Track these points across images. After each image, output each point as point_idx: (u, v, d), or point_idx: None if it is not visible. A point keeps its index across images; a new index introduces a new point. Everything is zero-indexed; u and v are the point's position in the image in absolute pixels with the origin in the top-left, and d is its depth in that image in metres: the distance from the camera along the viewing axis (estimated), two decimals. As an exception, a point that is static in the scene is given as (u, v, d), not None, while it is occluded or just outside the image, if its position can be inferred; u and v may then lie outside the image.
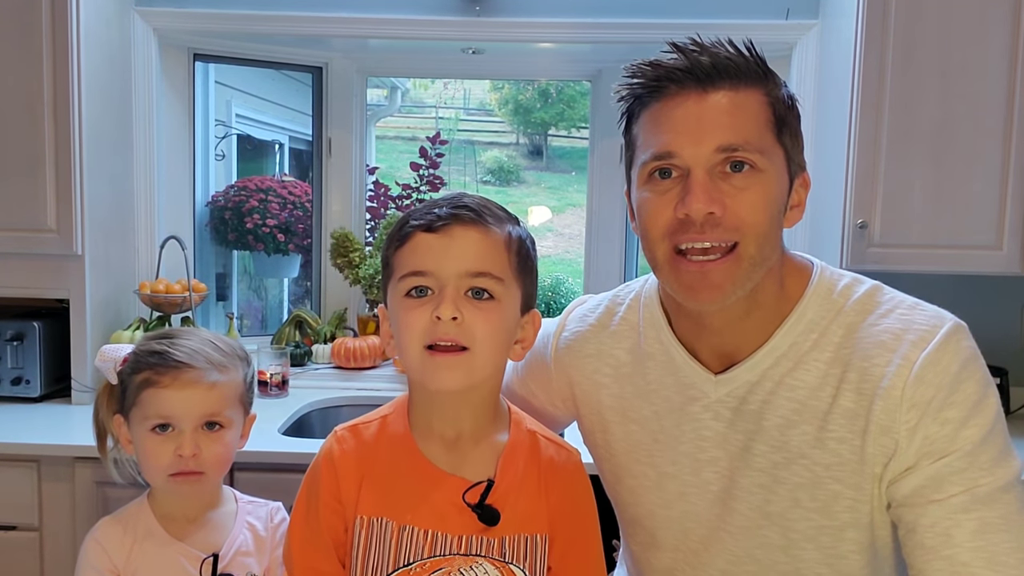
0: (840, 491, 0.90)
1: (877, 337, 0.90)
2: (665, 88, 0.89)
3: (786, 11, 2.26)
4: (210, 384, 1.12)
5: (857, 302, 0.93)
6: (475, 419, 0.96)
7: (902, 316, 0.91)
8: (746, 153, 0.86)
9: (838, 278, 0.97)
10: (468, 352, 0.89)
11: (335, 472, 0.96)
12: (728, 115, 0.87)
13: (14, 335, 2.10)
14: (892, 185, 1.93)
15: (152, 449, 1.12)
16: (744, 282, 0.89)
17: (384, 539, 0.92)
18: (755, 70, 0.89)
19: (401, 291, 0.91)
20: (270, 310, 3.78)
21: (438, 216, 0.89)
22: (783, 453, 0.92)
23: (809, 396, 0.91)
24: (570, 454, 1.01)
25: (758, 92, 0.89)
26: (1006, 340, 2.27)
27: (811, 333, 0.93)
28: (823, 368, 0.91)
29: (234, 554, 1.15)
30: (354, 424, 1.00)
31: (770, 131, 0.89)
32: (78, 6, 1.98)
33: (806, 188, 0.96)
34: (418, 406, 0.97)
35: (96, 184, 2.09)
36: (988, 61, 1.89)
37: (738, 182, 0.87)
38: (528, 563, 0.93)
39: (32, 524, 1.85)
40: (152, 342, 1.16)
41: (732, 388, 0.95)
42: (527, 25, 2.32)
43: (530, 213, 7.05)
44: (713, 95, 0.87)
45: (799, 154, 0.94)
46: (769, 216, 0.88)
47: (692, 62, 0.87)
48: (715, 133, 0.86)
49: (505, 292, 0.91)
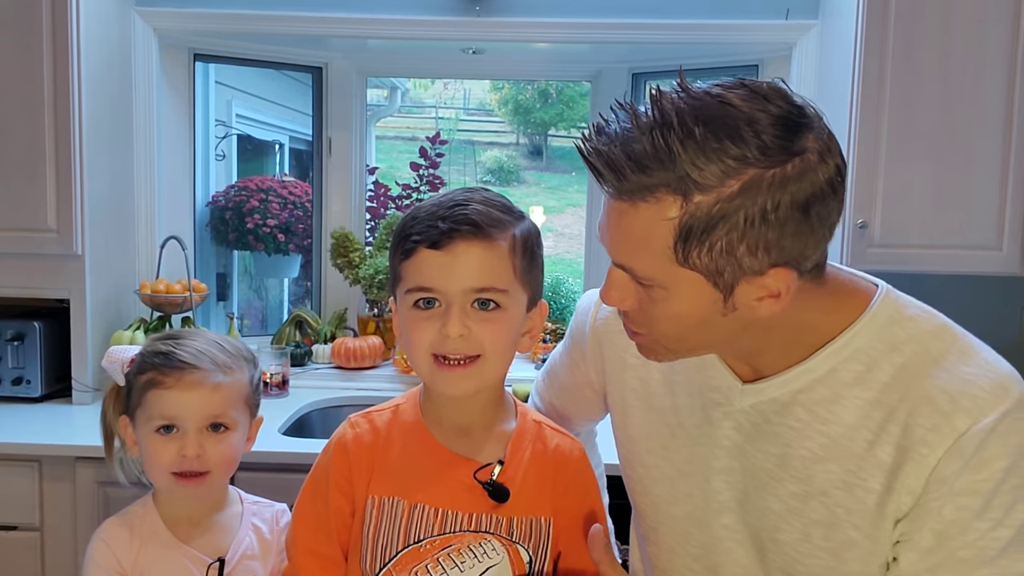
0: (857, 539, 0.84)
1: (930, 393, 0.80)
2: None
3: (786, 11, 2.26)
4: (214, 385, 1.12)
5: (919, 340, 0.83)
6: (484, 411, 0.99)
7: (966, 373, 0.80)
8: (641, 277, 0.80)
9: (904, 306, 0.86)
10: (479, 360, 0.92)
11: (347, 455, 0.98)
12: (620, 232, 0.79)
13: (14, 335, 2.10)
14: (892, 185, 1.94)
15: (156, 449, 1.12)
16: (676, 355, 0.88)
17: (395, 517, 0.95)
18: (663, 179, 0.74)
19: (408, 302, 0.93)
20: (270, 310, 3.79)
21: (441, 231, 0.90)
22: (804, 486, 0.86)
23: (843, 435, 0.84)
24: (574, 442, 1.04)
25: (660, 208, 0.75)
26: (1005, 340, 2.25)
27: (856, 363, 0.84)
28: (864, 408, 0.83)
29: (240, 558, 1.15)
30: (367, 412, 1.03)
31: (668, 257, 0.77)
32: (78, 6, 1.98)
33: (785, 281, 0.79)
34: (430, 400, 1.00)
35: (96, 184, 2.10)
36: (988, 61, 1.89)
37: (650, 293, 0.81)
38: (532, 543, 0.96)
39: (33, 524, 1.85)
40: (158, 343, 1.16)
41: (757, 401, 0.89)
42: (527, 25, 2.32)
43: (529, 213, 7.06)
44: (615, 204, 0.79)
45: (752, 256, 0.76)
46: (682, 327, 0.82)
47: (589, 162, 0.79)
48: (612, 247, 0.82)
49: (510, 300, 0.93)
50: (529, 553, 0.96)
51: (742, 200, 0.72)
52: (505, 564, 0.95)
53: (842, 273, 0.89)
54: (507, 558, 0.95)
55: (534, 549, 0.96)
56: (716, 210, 0.73)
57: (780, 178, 0.73)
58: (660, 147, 0.72)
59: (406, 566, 0.94)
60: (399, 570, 0.94)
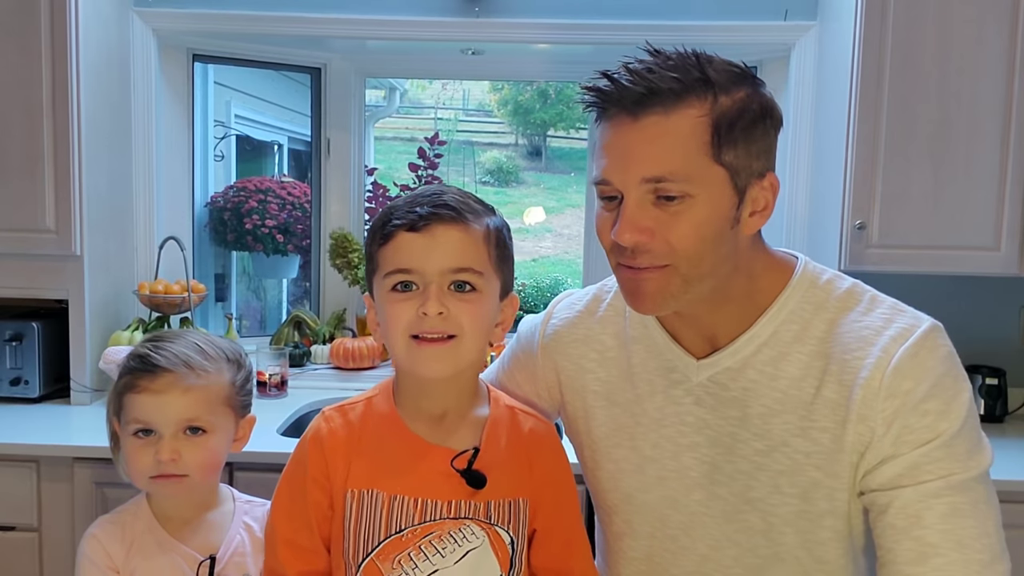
0: (819, 479, 0.93)
1: (858, 332, 0.93)
2: (604, 111, 0.91)
3: (784, 12, 2.27)
4: (185, 388, 1.11)
5: (839, 298, 0.96)
6: (459, 398, 1.02)
7: (883, 315, 0.94)
8: (672, 183, 0.86)
9: (820, 272, 0.99)
10: (455, 340, 0.94)
11: (322, 449, 1.01)
12: (655, 145, 0.87)
13: (13, 335, 2.10)
14: (890, 186, 1.94)
15: (134, 453, 1.12)
16: (679, 295, 0.91)
17: (375, 509, 0.97)
18: (693, 85, 0.87)
19: (387, 286, 0.96)
20: (269, 311, 3.78)
21: (419, 216, 0.94)
22: (765, 441, 0.95)
23: (792, 387, 0.94)
24: (548, 426, 1.08)
25: (694, 110, 0.87)
26: (1004, 341, 2.27)
27: (792, 323, 0.96)
28: (806, 360, 0.94)
29: (231, 555, 1.15)
30: (340, 405, 1.05)
31: (705, 153, 0.87)
32: (77, 7, 1.98)
33: (773, 190, 0.92)
34: (404, 388, 1.02)
35: (95, 185, 2.10)
36: (986, 62, 1.89)
37: (670, 209, 0.87)
38: (512, 525, 1.00)
39: (31, 524, 1.85)
40: (140, 345, 1.16)
41: (714, 373, 0.98)
42: (526, 26, 2.32)
43: (527, 214, 7.05)
44: (643, 121, 0.87)
45: (757, 159, 0.90)
46: (701, 239, 0.88)
47: (619, 89, 0.88)
48: (641, 164, 0.87)
49: (486, 283, 0.96)
50: (509, 533, 0.99)
51: (748, 103, 0.89)
52: (485, 546, 0.98)
53: (768, 247, 1.01)
54: (487, 540, 0.98)
55: (513, 529, 1.00)
56: (735, 109, 0.88)
57: (766, 95, 0.92)
58: (689, 61, 0.88)
59: (388, 555, 0.96)
60: (382, 560, 0.96)
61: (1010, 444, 1.98)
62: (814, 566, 0.97)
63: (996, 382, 2.14)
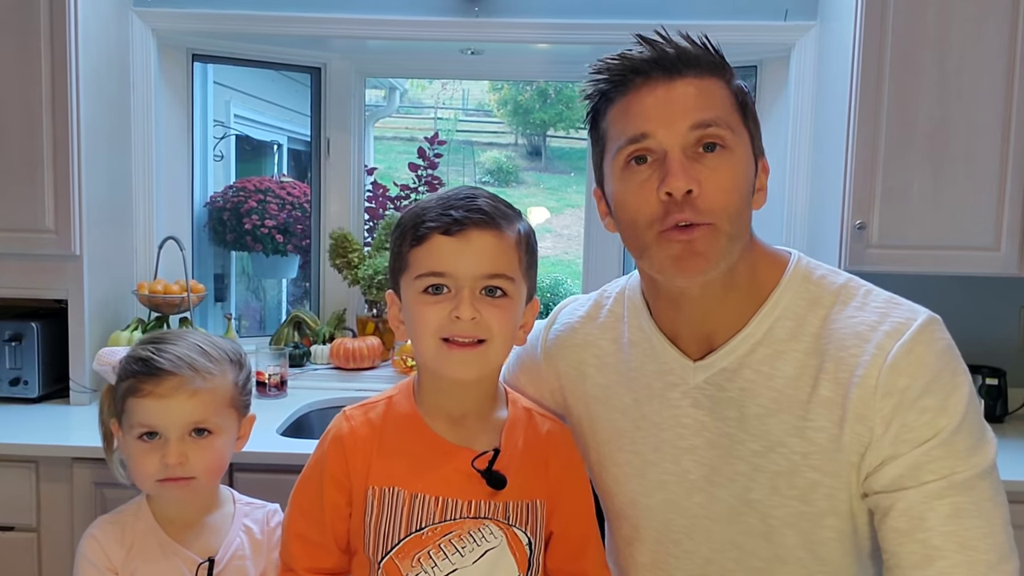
0: (818, 479, 0.92)
1: (853, 328, 0.92)
2: (631, 81, 0.92)
3: (784, 12, 2.27)
4: (192, 391, 1.10)
5: (833, 293, 0.96)
6: (480, 400, 1.03)
7: (878, 309, 0.93)
8: (719, 129, 0.89)
9: (814, 268, 0.99)
10: (485, 344, 0.95)
11: (343, 448, 1.01)
12: (701, 95, 0.90)
13: (12, 336, 2.09)
14: (890, 186, 1.94)
15: (139, 457, 1.11)
16: (725, 254, 0.90)
17: (396, 507, 0.98)
18: (715, 62, 0.93)
19: (418, 288, 0.96)
20: (269, 311, 3.78)
21: (455, 219, 0.94)
22: (763, 441, 0.94)
23: (787, 386, 0.93)
24: (563, 428, 1.10)
25: (720, 81, 0.93)
26: (1004, 341, 2.27)
27: (787, 320, 0.95)
28: (801, 359, 0.93)
29: (230, 558, 1.15)
30: (361, 404, 1.06)
31: (736, 113, 0.93)
32: (76, 7, 1.98)
33: (767, 173, 0.98)
34: (427, 388, 1.03)
35: (94, 185, 2.09)
36: (986, 62, 1.89)
37: (711, 162, 0.89)
38: (529, 526, 1.01)
39: (30, 525, 1.85)
40: (140, 348, 1.15)
41: (710, 375, 0.98)
42: (526, 26, 2.32)
43: (529, 214, 7.06)
44: (679, 82, 0.90)
45: (760, 141, 0.97)
46: (740, 196, 0.91)
47: (658, 52, 0.92)
48: (687, 113, 0.89)
49: (516, 289, 0.97)
50: (527, 535, 1.01)
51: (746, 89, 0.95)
52: (503, 547, 0.99)
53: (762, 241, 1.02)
54: (505, 541, 0.99)
55: (531, 531, 1.01)
56: (743, 90, 0.94)
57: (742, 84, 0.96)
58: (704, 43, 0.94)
59: (409, 553, 0.97)
60: (402, 557, 0.97)
61: (1010, 444, 1.98)
62: (817, 567, 0.97)
63: (996, 382, 2.14)
